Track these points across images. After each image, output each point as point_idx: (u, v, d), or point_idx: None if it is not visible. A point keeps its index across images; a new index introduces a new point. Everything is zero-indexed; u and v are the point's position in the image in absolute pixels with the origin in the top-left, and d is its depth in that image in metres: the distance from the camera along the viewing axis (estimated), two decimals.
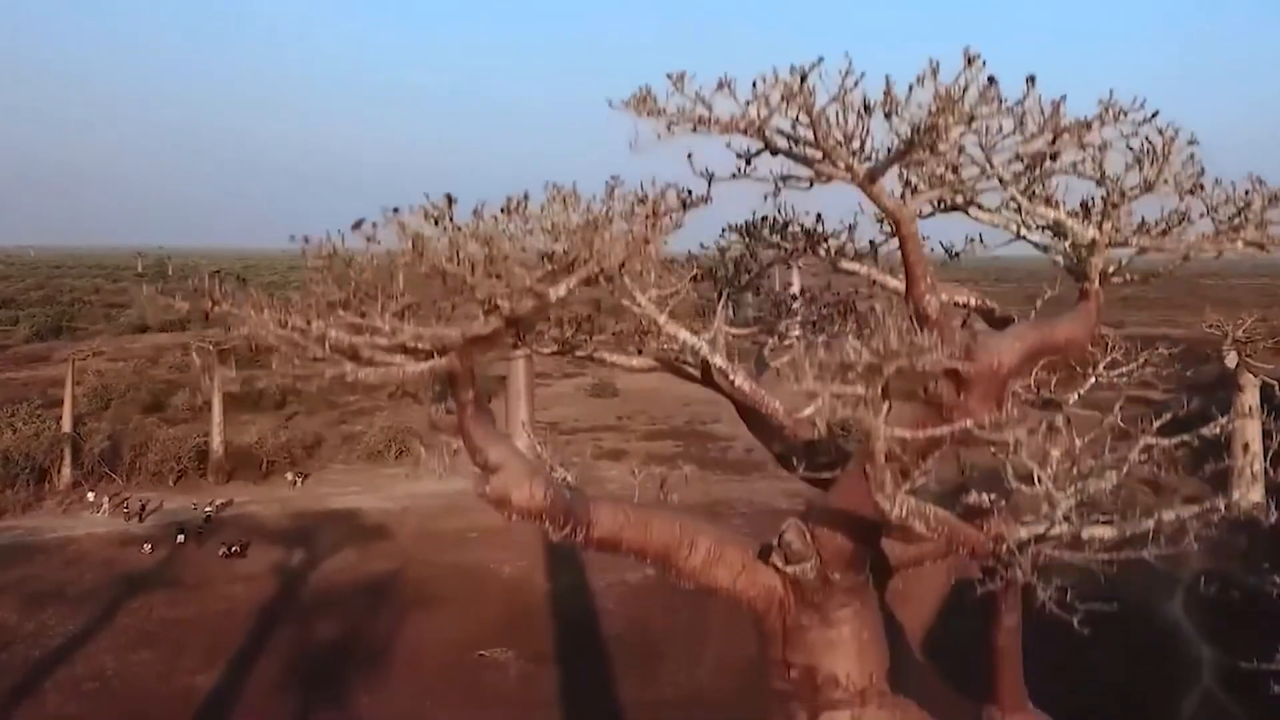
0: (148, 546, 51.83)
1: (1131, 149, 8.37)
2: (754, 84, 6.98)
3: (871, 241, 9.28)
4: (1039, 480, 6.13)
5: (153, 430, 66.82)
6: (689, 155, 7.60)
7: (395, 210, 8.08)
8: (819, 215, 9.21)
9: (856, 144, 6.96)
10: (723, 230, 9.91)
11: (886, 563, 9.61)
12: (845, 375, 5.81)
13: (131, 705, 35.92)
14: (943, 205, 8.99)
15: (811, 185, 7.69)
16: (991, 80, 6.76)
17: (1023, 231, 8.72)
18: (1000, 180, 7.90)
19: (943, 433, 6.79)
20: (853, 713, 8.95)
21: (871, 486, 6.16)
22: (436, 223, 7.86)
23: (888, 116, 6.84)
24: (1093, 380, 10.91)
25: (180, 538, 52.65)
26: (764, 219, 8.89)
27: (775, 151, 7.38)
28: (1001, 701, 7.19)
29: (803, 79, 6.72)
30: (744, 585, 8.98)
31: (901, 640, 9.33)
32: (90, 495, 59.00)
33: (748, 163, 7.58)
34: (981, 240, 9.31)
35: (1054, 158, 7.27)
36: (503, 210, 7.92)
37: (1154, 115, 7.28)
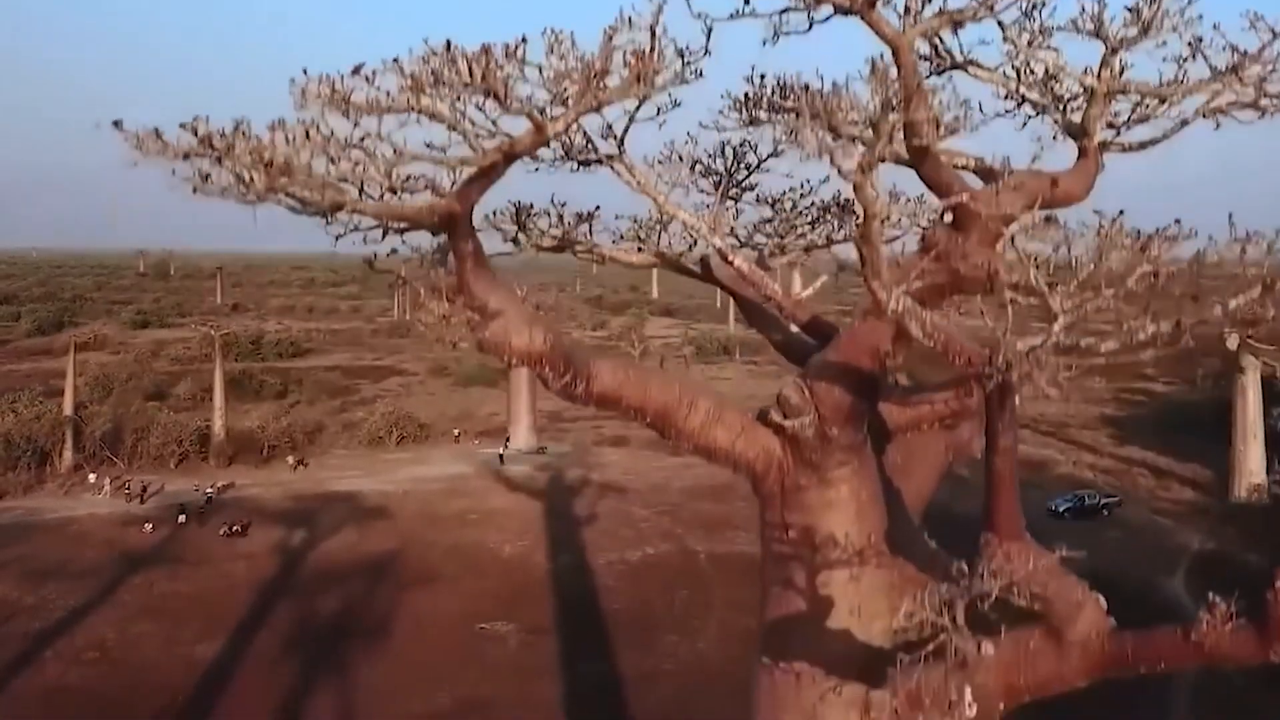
0: (149, 526, 51.82)
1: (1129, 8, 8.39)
2: None
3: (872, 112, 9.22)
4: (1038, 284, 6.10)
5: (154, 414, 66.81)
6: None
7: (395, 60, 8.08)
8: (821, 85, 9.19)
9: None
10: (721, 106, 9.90)
11: (885, 428, 9.60)
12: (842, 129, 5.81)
13: (132, 674, 35.86)
14: (939, 68, 8.99)
15: (811, 27, 7.69)
16: None
17: (1022, 89, 8.70)
18: (1000, 25, 7.91)
19: (941, 206, 6.77)
20: (851, 572, 8.93)
21: (867, 274, 6.14)
22: (436, 81, 7.86)
23: None
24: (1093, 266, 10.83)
25: (181, 518, 52.64)
26: (762, 78, 8.88)
27: None
28: (998, 527, 7.16)
29: None
30: (743, 447, 8.96)
31: (900, 506, 9.30)
32: (91, 477, 58.97)
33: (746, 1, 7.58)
34: (980, 109, 9.32)
35: None
36: (504, 55, 7.92)
37: None
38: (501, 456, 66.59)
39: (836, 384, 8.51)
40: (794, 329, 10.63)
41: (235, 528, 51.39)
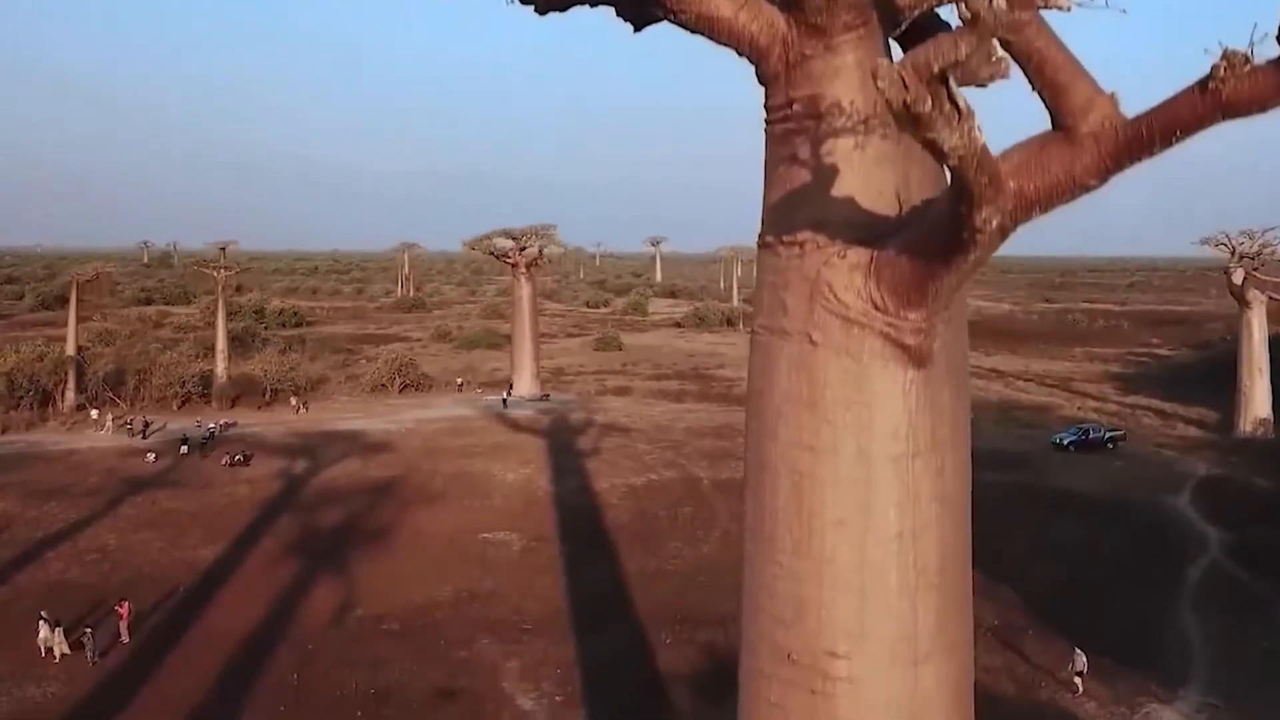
0: (151, 456, 51.71)
1: None
2: None
3: None
4: None
5: (156, 356, 66.63)
6: None
7: None
8: None
9: None
10: None
11: (893, 5, 9.42)
12: None
13: (133, 571, 35.75)
14: None
15: None
16: None
17: None
18: None
19: None
20: (856, 140, 8.74)
21: None
22: None
23: None
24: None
25: (184, 449, 52.58)
26: None
27: None
28: None
29: None
30: (746, 19, 8.77)
31: None
32: (94, 414, 58.87)
33: None
34: None
35: None
36: None
37: None
38: (505, 401, 66.48)
39: None
40: None
41: (238, 457, 51.28)
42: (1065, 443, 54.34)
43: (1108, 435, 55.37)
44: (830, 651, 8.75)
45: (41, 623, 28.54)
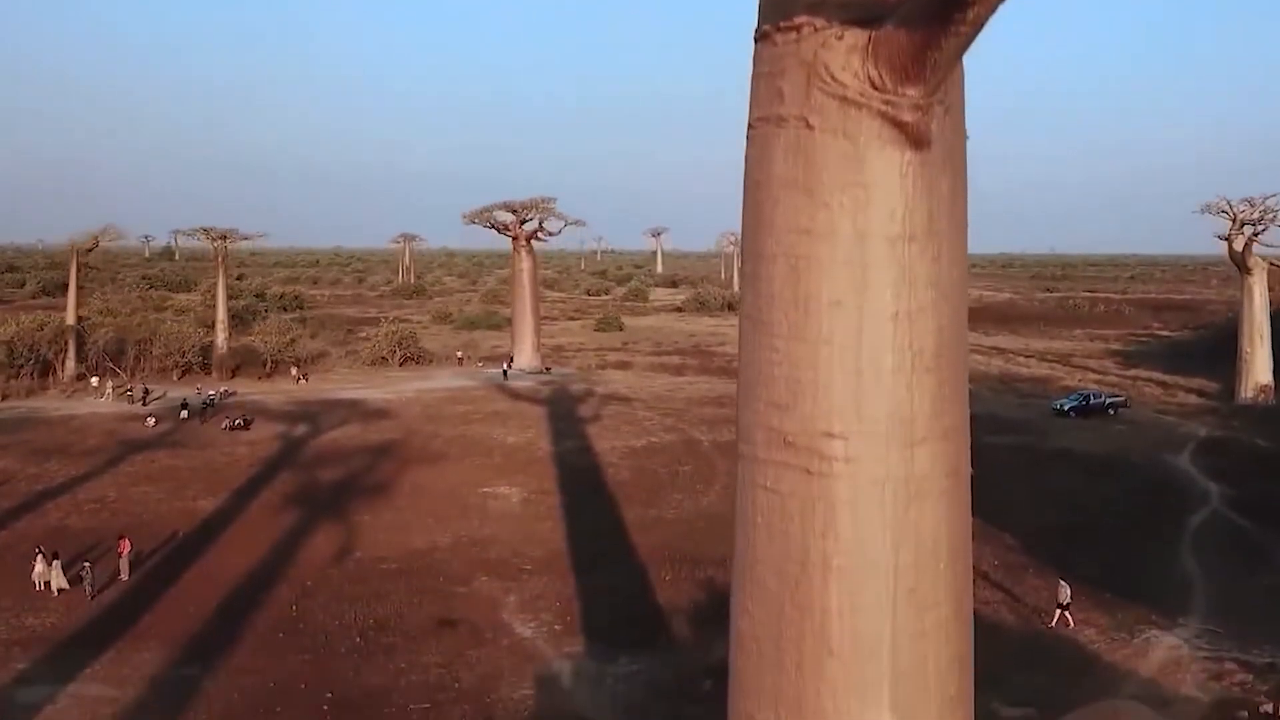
0: (151, 420, 51.69)
1: None
2: None
3: None
4: None
5: (157, 326, 66.59)
6: None
7: None
8: None
9: None
10: None
11: None
12: None
13: (131, 519, 35.67)
14: None
15: None
16: None
17: None
18: None
19: None
20: None
21: None
22: None
23: None
24: None
25: (184, 414, 52.55)
26: None
27: None
28: None
29: None
30: None
31: None
32: (94, 381, 58.83)
33: None
34: None
35: None
36: None
37: None
38: (505, 373, 66.45)
39: None
40: None
41: (238, 421, 51.28)
42: (1066, 409, 54.24)
43: (1109, 401, 55.26)
44: (827, 432, 8.67)
45: (39, 557, 28.51)
